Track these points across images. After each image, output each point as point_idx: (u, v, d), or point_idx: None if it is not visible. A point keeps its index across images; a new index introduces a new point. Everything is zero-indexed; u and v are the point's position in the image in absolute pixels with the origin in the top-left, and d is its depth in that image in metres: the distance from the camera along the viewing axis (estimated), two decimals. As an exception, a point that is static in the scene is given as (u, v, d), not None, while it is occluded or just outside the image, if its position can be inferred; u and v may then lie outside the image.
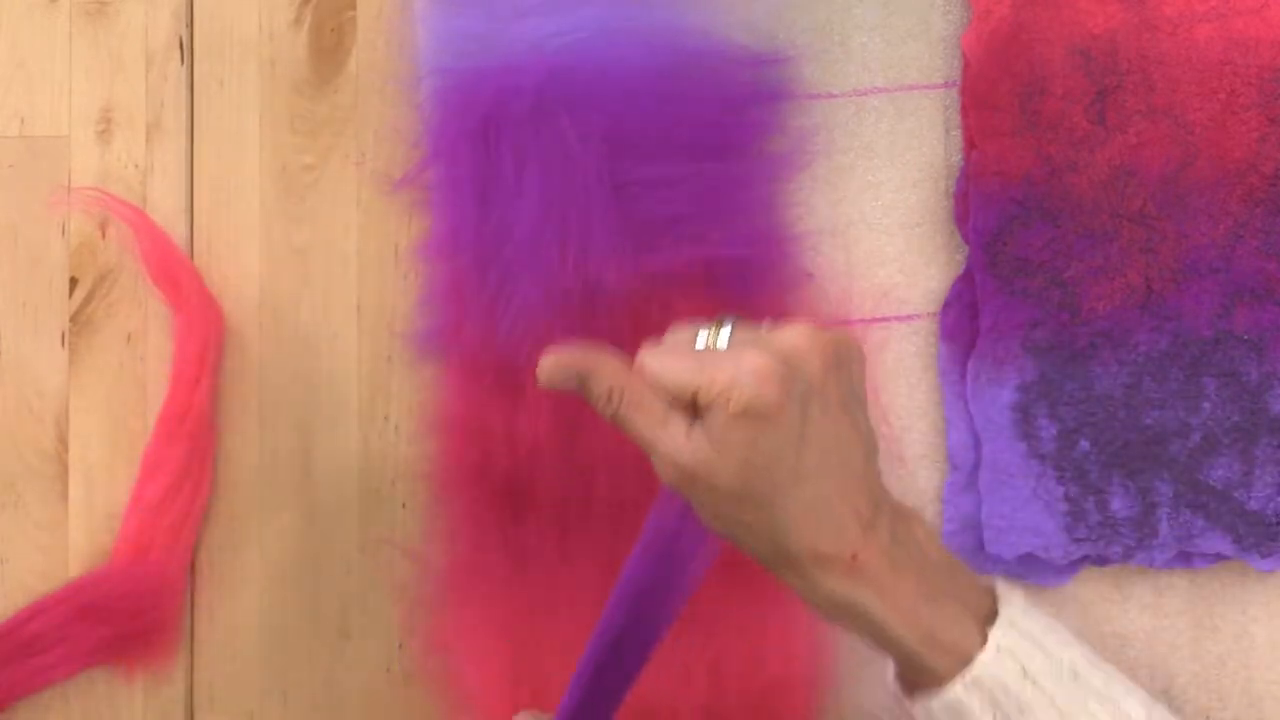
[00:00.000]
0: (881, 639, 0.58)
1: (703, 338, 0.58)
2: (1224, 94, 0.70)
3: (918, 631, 0.58)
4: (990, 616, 0.59)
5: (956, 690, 0.58)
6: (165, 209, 0.73)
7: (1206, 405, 0.70)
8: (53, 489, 0.73)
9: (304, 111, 0.73)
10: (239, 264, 0.73)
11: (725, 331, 0.58)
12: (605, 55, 0.70)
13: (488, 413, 0.71)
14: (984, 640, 0.58)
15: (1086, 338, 0.70)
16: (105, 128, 0.73)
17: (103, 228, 0.73)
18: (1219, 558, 0.71)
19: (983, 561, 0.72)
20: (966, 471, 0.72)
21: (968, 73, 0.71)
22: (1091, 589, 0.72)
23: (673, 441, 0.57)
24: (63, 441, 0.73)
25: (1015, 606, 0.59)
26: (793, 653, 0.72)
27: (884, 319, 0.73)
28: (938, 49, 0.73)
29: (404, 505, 0.73)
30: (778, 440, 0.56)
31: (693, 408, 0.57)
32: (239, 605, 0.73)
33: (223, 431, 0.73)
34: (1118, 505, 0.70)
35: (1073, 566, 0.71)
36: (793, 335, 0.57)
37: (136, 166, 0.73)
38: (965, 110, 0.72)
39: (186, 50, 0.73)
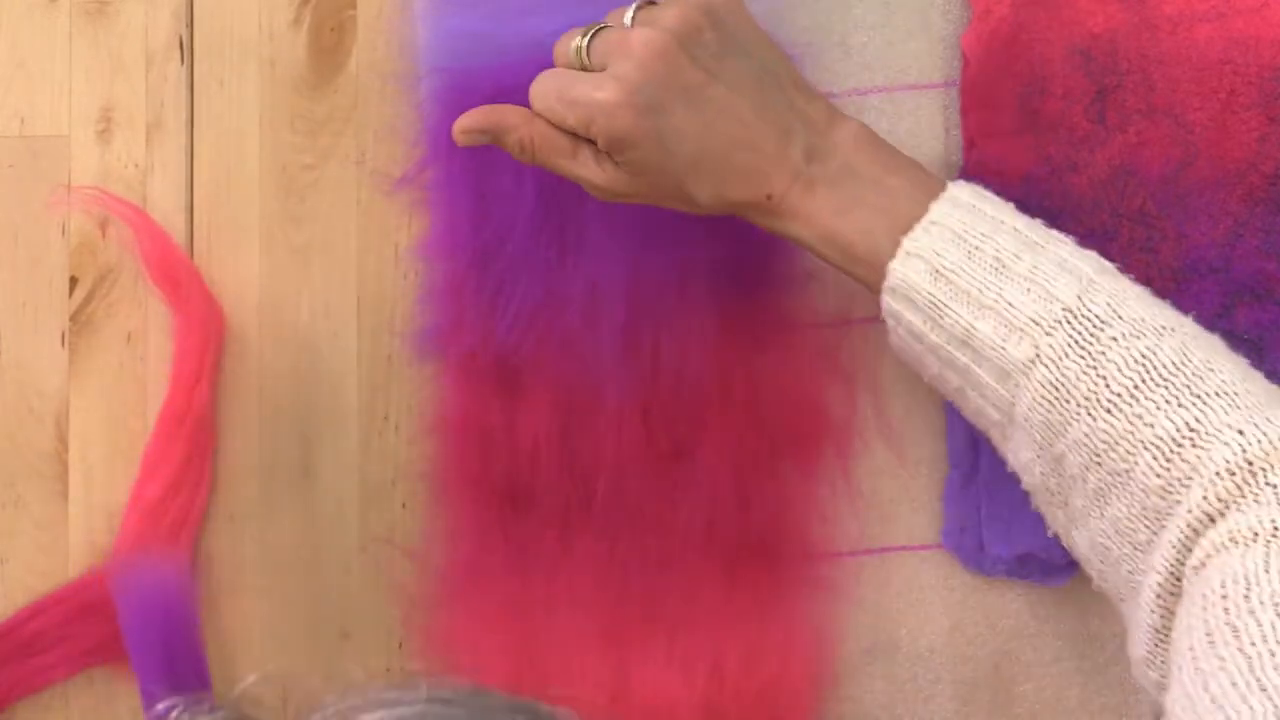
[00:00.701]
0: (820, 258, 0.63)
1: (575, 49, 0.63)
2: (1224, 94, 0.70)
3: (836, 248, 0.62)
4: (919, 218, 0.61)
5: (885, 299, 0.62)
6: (165, 209, 0.73)
7: (1206, 405, 0.70)
8: (53, 489, 0.73)
9: (304, 111, 0.73)
10: (239, 264, 0.73)
11: (588, 43, 0.63)
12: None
13: (487, 412, 0.71)
14: (895, 247, 0.61)
15: (1086, 337, 0.70)
16: (105, 127, 0.73)
17: (103, 227, 0.73)
18: (1219, 557, 0.71)
19: (983, 561, 0.72)
20: (967, 472, 0.72)
21: (967, 72, 0.71)
22: (1092, 589, 0.72)
23: (586, 170, 0.63)
24: (63, 441, 0.73)
25: (948, 202, 0.61)
26: (793, 652, 0.72)
27: (883, 319, 0.73)
28: (937, 48, 0.73)
29: (404, 505, 0.73)
30: (651, 152, 0.61)
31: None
32: (239, 605, 0.73)
33: (223, 431, 0.73)
34: (1118, 505, 0.70)
35: (1072, 566, 0.71)
36: (633, 50, 0.61)
37: (136, 166, 0.73)
38: (965, 110, 0.72)
39: (186, 50, 0.73)
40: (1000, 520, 0.71)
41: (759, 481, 0.71)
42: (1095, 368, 0.57)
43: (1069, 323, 0.58)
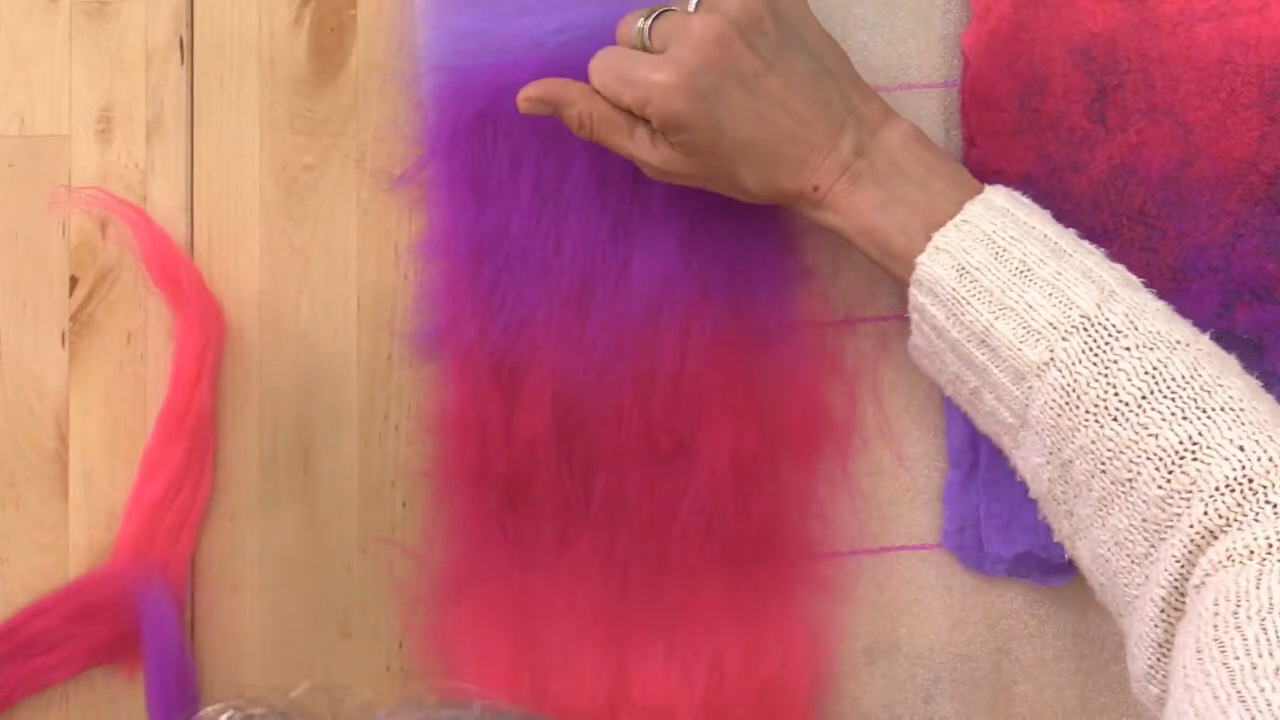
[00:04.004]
0: (858, 250, 0.64)
1: (637, 31, 0.65)
2: (1224, 93, 0.70)
3: (874, 243, 0.64)
4: (953, 217, 0.62)
5: (912, 292, 0.63)
6: (165, 208, 0.73)
7: (1206, 405, 0.70)
8: (53, 489, 0.73)
9: (304, 111, 0.73)
10: (239, 264, 0.73)
11: (650, 25, 0.65)
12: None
13: (487, 411, 0.71)
14: (927, 242, 0.62)
15: (1086, 337, 0.70)
16: (105, 127, 0.73)
17: (103, 227, 0.73)
18: (1219, 557, 0.71)
19: (982, 561, 0.72)
20: (966, 471, 0.72)
21: (967, 72, 0.71)
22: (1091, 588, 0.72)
23: (641, 150, 0.65)
24: (63, 441, 0.73)
25: (982, 205, 0.62)
26: (792, 651, 0.72)
27: (884, 318, 0.73)
28: (937, 48, 0.73)
29: (404, 505, 0.73)
30: (703, 136, 0.63)
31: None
32: (239, 605, 0.73)
33: (223, 431, 0.73)
34: (1118, 505, 0.70)
35: (1072, 565, 0.71)
36: (692, 34, 0.63)
37: (136, 166, 0.73)
38: (965, 109, 0.72)
39: (186, 50, 0.73)
40: (1000, 520, 0.71)
41: (759, 481, 0.71)
42: (1106, 375, 0.58)
43: (1085, 329, 0.59)
